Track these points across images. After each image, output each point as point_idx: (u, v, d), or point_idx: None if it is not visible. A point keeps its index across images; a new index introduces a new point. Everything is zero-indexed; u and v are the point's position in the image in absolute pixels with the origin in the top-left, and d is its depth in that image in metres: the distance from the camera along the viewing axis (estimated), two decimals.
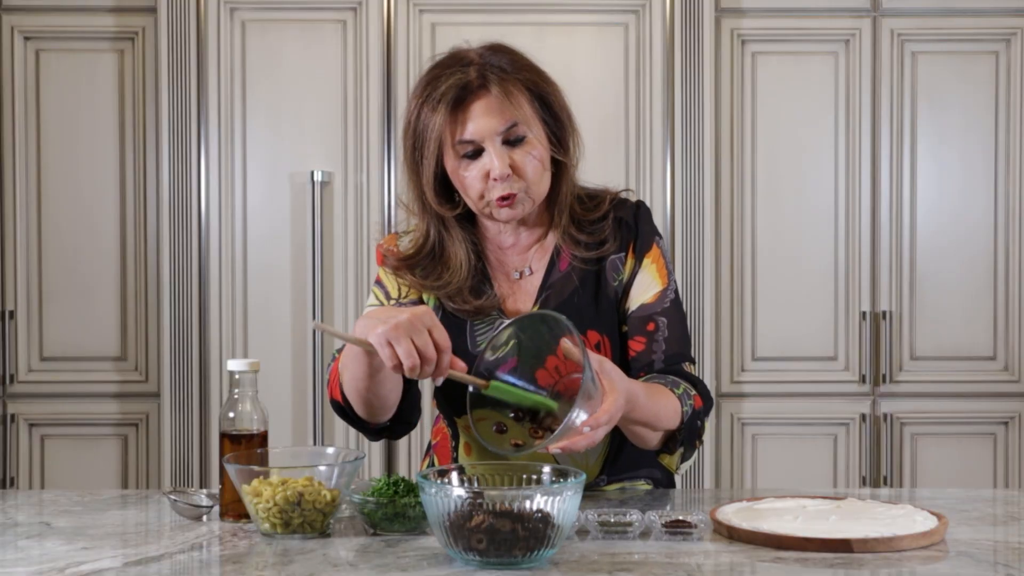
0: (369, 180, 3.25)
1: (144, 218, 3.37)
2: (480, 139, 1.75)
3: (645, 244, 1.87)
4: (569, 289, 1.84)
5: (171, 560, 1.50)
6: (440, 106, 1.74)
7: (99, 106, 3.37)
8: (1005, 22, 3.41)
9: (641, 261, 1.86)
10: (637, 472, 1.93)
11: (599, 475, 1.89)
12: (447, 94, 1.74)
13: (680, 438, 1.77)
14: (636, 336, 1.84)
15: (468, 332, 1.85)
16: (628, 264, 1.86)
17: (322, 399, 3.23)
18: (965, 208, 3.42)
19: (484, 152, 1.76)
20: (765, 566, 1.45)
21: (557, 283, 1.85)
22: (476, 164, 1.77)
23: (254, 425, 1.75)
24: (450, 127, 1.75)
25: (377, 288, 1.93)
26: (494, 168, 1.75)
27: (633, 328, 1.84)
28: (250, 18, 3.26)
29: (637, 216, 1.88)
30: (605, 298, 1.85)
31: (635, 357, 1.83)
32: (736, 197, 3.40)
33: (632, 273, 1.86)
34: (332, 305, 3.26)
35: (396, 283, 1.91)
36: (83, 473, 3.37)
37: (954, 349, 3.43)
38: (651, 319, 1.83)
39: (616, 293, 1.86)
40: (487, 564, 1.43)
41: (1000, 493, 1.94)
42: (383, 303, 1.91)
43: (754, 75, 3.41)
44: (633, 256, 1.86)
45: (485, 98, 1.75)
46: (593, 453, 1.88)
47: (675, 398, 1.75)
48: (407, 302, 1.89)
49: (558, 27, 3.26)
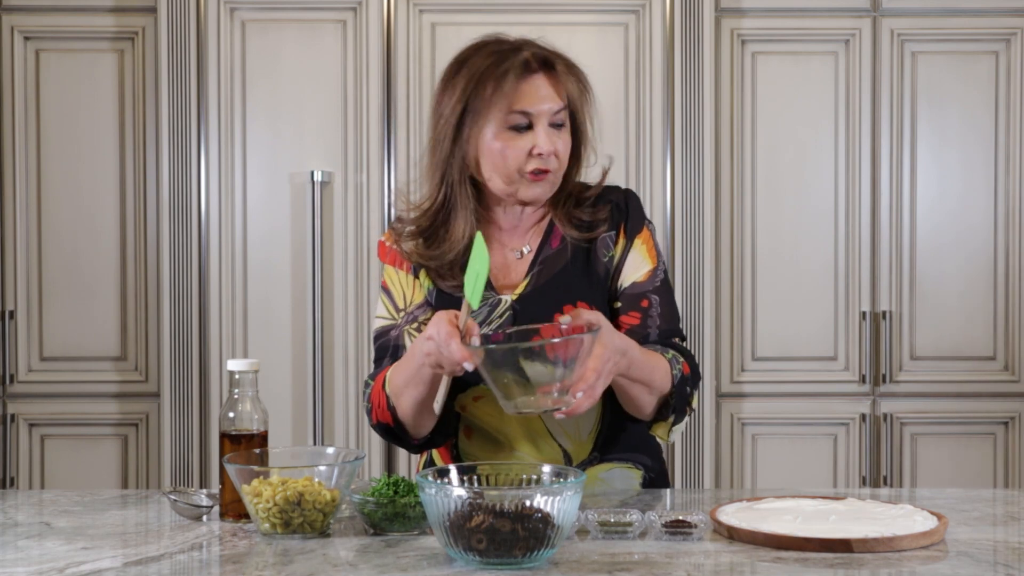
0: (369, 180, 3.25)
1: (144, 218, 3.37)
2: (536, 113, 1.83)
3: (636, 226, 1.94)
4: (560, 264, 1.91)
5: (171, 560, 1.50)
6: (509, 75, 1.82)
7: (99, 106, 3.37)
8: (1005, 22, 3.41)
9: (632, 241, 1.93)
10: (628, 455, 1.95)
11: (591, 451, 1.92)
12: (514, 68, 1.82)
13: (672, 404, 1.84)
14: (630, 312, 1.91)
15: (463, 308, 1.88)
16: (620, 244, 1.93)
17: (322, 399, 3.23)
18: (965, 208, 3.42)
19: (531, 128, 1.83)
20: (765, 566, 1.45)
21: (549, 259, 1.92)
22: (523, 138, 1.84)
23: (254, 425, 1.75)
24: (507, 98, 1.82)
25: (385, 297, 1.98)
26: (541, 144, 1.83)
27: (626, 304, 1.91)
28: (250, 18, 3.26)
29: (628, 200, 1.96)
30: (595, 274, 1.92)
31: (629, 331, 1.89)
32: (736, 197, 3.40)
33: (624, 252, 1.93)
34: (332, 305, 3.26)
35: (401, 289, 1.95)
36: (83, 473, 3.37)
37: (954, 349, 3.43)
38: (644, 296, 1.91)
39: (607, 270, 1.92)
40: (487, 564, 1.44)
41: (1000, 493, 1.94)
42: (392, 316, 1.95)
43: (754, 75, 3.41)
44: (624, 236, 1.93)
45: (542, 78, 1.84)
46: (585, 428, 1.91)
47: (665, 361, 1.83)
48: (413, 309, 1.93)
49: (558, 27, 3.25)
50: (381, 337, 1.96)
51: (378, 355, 1.96)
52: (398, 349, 1.92)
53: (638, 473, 1.96)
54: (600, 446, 1.92)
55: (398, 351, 1.92)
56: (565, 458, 1.90)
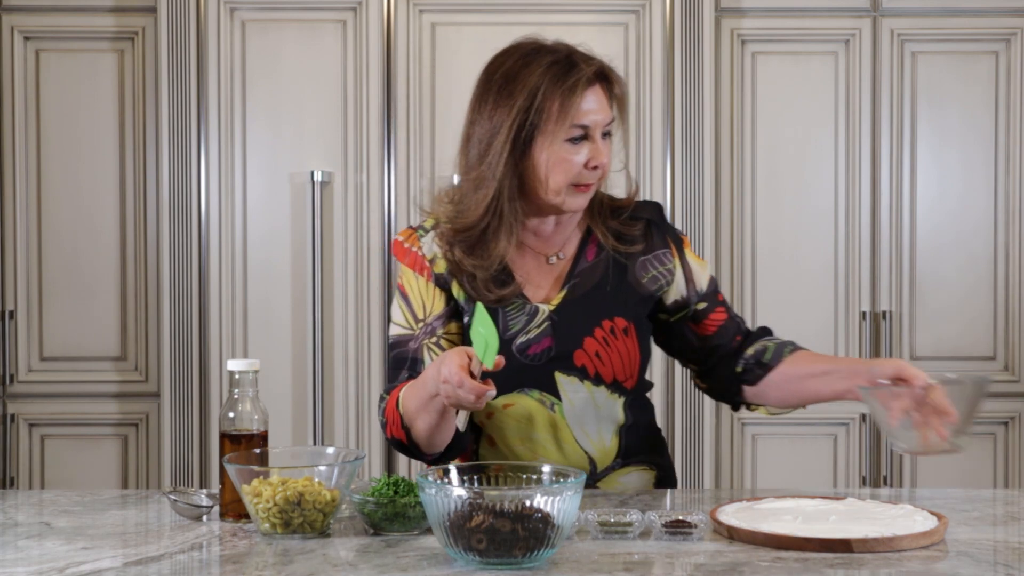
0: (369, 180, 3.25)
1: (144, 218, 3.37)
2: (593, 126, 1.86)
3: (677, 235, 2.02)
4: (596, 277, 1.94)
5: (171, 560, 1.51)
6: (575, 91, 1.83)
7: (99, 106, 3.37)
8: (1005, 22, 3.41)
9: (683, 251, 2.00)
10: (644, 456, 1.99)
11: (615, 458, 1.95)
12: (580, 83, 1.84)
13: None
14: (716, 308, 2.01)
15: (500, 318, 1.90)
16: (675, 257, 1.99)
17: (322, 399, 3.23)
18: (965, 208, 3.42)
19: (585, 139, 1.86)
20: (765, 566, 1.45)
21: (585, 271, 1.94)
22: (579, 149, 1.86)
23: (254, 425, 1.75)
24: (571, 114, 1.84)
25: (403, 303, 1.95)
26: (597, 157, 1.86)
27: (710, 303, 2.01)
28: (250, 18, 3.26)
29: (661, 215, 2.02)
30: (630, 289, 1.94)
31: (723, 326, 2.00)
32: (736, 197, 3.40)
33: (683, 262, 1.99)
34: (332, 305, 3.26)
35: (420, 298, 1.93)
36: (83, 473, 3.37)
37: (954, 349, 3.43)
38: (718, 292, 2.03)
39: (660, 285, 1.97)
40: (487, 564, 1.44)
41: (1000, 493, 1.94)
42: (411, 325, 1.93)
43: (754, 75, 3.41)
44: (675, 248, 2.00)
45: (599, 90, 1.87)
46: (608, 435, 1.94)
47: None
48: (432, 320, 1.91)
49: (558, 27, 3.24)
50: (398, 347, 1.93)
51: (394, 365, 1.93)
52: (416, 363, 1.91)
53: (652, 473, 2.00)
54: (623, 452, 1.96)
55: (416, 365, 1.90)
56: (591, 465, 1.93)
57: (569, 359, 1.90)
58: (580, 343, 1.89)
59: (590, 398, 1.91)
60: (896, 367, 1.76)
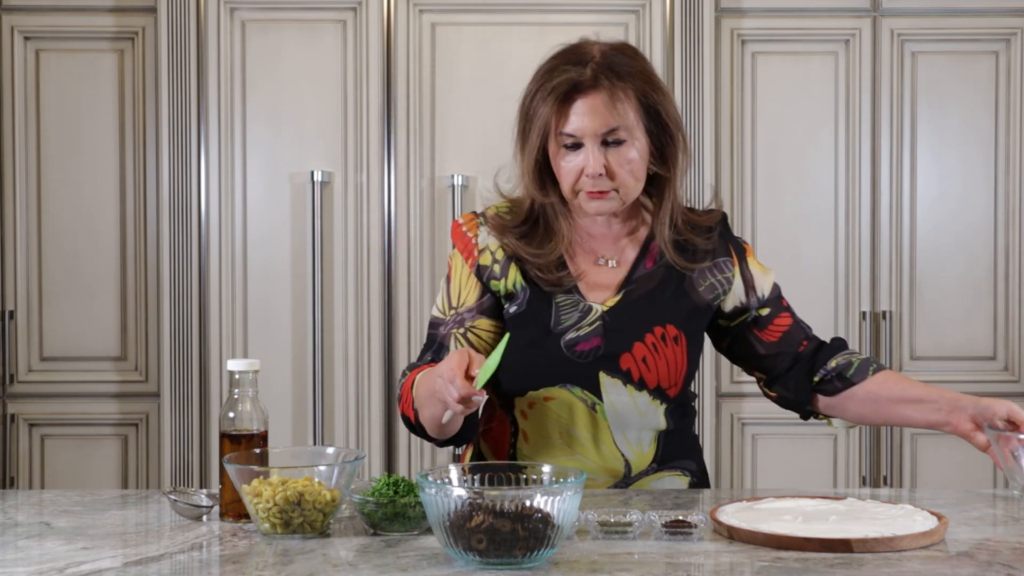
0: (369, 180, 3.25)
1: (144, 218, 3.37)
2: (581, 135, 1.84)
3: (740, 247, 2.02)
4: (653, 284, 1.93)
5: (171, 560, 1.51)
6: (550, 97, 1.84)
7: (99, 106, 3.37)
8: (1005, 22, 3.41)
9: (745, 258, 2.01)
10: (678, 462, 1.99)
11: (651, 463, 1.95)
12: (559, 88, 1.84)
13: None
14: (781, 314, 2.03)
15: (553, 310, 1.90)
16: (735, 270, 1.99)
17: (322, 399, 3.23)
18: (965, 208, 3.42)
19: (583, 147, 1.85)
20: (765, 566, 1.45)
21: (642, 279, 1.94)
22: (575, 157, 1.86)
23: (254, 425, 1.75)
24: (556, 117, 1.84)
25: (445, 287, 1.98)
26: (588, 166, 1.84)
27: (774, 308, 2.02)
28: (250, 18, 3.26)
29: (725, 224, 2.02)
30: (686, 298, 1.94)
31: (789, 331, 2.01)
32: (736, 197, 3.40)
33: (744, 269, 2.00)
34: (332, 305, 3.26)
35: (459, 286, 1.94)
36: (83, 473, 3.37)
37: (954, 349, 3.43)
38: (782, 298, 2.04)
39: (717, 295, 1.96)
40: (487, 564, 1.44)
41: (1000, 493, 1.94)
42: (444, 312, 1.96)
43: (754, 75, 3.41)
44: (736, 256, 2.00)
45: (594, 97, 1.83)
46: (647, 440, 1.94)
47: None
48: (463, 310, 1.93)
49: (558, 27, 3.25)
50: (433, 327, 1.97)
51: (427, 344, 1.97)
52: (441, 348, 1.94)
53: (685, 479, 1.99)
54: (659, 457, 1.96)
55: (441, 351, 1.94)
56: (626, 467, 1.93)
57: (615, 361, 1.89)
58: (629, 347, 1.89)
59: (632, 402, 1.90)
60: (1008, 410, 1.78)
